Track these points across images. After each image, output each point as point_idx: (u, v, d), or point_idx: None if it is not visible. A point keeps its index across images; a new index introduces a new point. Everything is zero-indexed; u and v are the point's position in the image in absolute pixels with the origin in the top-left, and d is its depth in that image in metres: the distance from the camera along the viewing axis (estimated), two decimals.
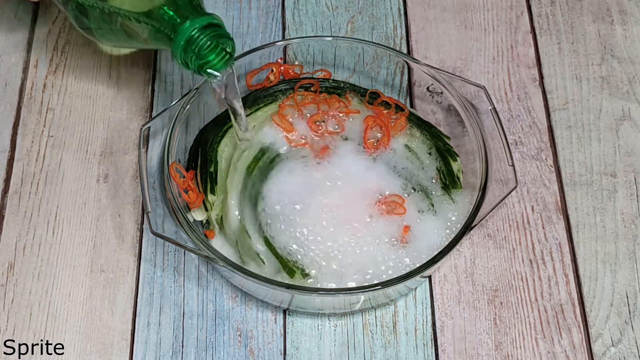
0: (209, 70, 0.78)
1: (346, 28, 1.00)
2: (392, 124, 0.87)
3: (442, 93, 0.89)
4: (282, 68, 0.92)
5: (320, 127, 0.88)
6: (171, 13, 0.78)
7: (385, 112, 0.88)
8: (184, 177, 0.84)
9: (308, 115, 0.88)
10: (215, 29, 0.78)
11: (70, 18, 0.85)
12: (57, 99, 0.94)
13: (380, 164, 0.85)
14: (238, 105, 0.82)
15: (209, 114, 0.90)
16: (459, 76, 0.89)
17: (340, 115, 0.88)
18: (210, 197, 0.84)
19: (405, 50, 0.98)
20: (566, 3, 1.02)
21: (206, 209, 0.84)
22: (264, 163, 0.86)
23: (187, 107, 0.86)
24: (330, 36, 0.97)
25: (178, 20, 0.77)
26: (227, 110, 0.83)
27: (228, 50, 0.79)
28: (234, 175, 0.85)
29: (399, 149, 0.87)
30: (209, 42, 0.77)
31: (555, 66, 0.97)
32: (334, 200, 0.82)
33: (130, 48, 0.96)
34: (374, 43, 0.92)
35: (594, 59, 0.98)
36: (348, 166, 0.85)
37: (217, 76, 0.79)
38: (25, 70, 0.96)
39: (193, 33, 0.77)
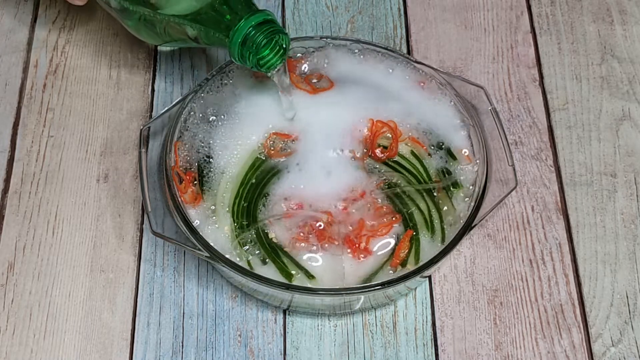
0: (265, 66, 0.80)
1: (346, 28, 1.00)
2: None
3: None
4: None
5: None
6: (224, 11, 0.79)
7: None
8: (182, 182, 0.83)
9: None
10: (270, 25, 0.79)
11: (116, 16, 0.87)
12: (57, 99, 0.94)
13: (382, 166, 0.85)
14: (286, 92, 0.84)
15: None
16: (459, 76, 0.89)
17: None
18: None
19: (405, 50, 0.98)
20: (566, 3, 1.02)
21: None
22: (262, 173, 0.85)
23: (187, 107, 0.86)
24: (330, 36, 0.97)
25: (229, 18, 0.78)
26: None
27: (283, 45, 0.80)
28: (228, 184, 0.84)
29: (402, 152, 0.86)
30: (265, 40, 0.79)
31: (555, 66, 0.97)
32: (336, 204, 0.82)
33: (177, 47, 0.97)
34: (374, 43, 0.92)
35: (594, 59, 0.98)
36: (351, 170, 0.84)
37: (273, 70, 0.81)
38: (25, 70, 0.96)
39: (249, 31, 0.78)
